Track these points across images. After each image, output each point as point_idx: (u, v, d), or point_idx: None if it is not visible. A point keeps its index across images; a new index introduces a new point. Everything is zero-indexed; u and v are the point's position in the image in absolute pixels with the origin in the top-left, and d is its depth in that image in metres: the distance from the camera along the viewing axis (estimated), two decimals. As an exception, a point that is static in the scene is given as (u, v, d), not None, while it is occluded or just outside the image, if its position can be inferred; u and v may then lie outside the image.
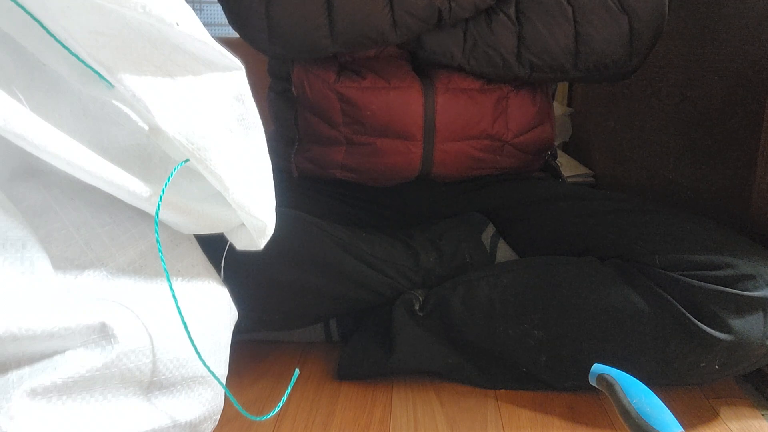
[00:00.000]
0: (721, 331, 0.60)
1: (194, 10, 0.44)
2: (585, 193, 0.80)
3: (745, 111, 0.78)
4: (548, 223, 0.78)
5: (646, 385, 0.50)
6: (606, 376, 0.51)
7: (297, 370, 0.66)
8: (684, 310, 0.61)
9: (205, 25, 0.44)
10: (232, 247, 0.53)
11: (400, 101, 0.77)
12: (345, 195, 0.85)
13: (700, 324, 0.60)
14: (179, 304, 0.45)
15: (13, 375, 0.39)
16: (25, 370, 0.40)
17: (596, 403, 0.67)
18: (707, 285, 0.61)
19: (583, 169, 1.29)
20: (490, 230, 0.80)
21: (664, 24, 0.78)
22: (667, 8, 0.77)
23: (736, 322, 0.60)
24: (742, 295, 0.60)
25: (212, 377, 0.49)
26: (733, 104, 0.80)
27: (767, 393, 0.69)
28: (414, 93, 0.77)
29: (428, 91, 0.78)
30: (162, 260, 0.45)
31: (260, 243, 0.50)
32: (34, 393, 0.39)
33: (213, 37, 0.44)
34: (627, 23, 0.75)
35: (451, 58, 0.77)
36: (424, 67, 0.81)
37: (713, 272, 0.61)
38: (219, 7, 0.76)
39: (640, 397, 0.49)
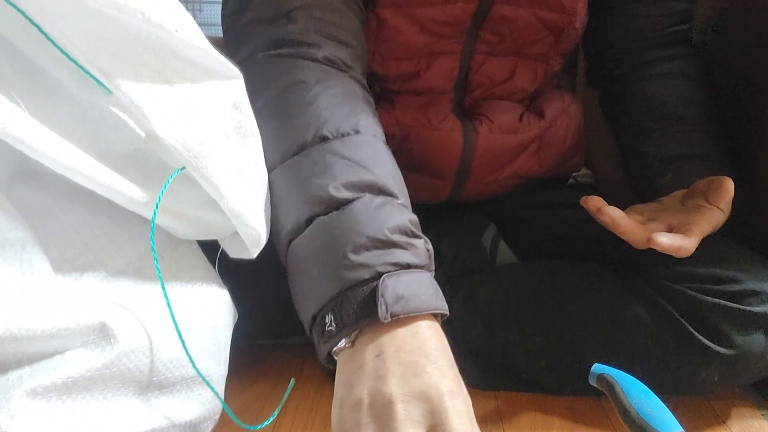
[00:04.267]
0: (723, 346, 0.59)
1: (194, 10, 0.44)
2: None
3: (745, 111, 0.77)
4: (551, 226, 0.77)
5: (646, 391, 0.50)
6: (606, 376, 0.51)
7: (293, 380, 0.66)
8: (685, 322, 0.60)
9: (205, 25, 0.44)
10: (238, 260, 0.52)
11: (439, 144, 0.75)
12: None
13: (701, 337, 0.60)
14: (175, 307, 0.45)
15: (13, 375, 0.39)
16: (25, 370, 0.40)
17: (596, 404, 0.67)
18: (712, 299, 0.60)
19: (583, 169, 1.29)
20: (491, 231, 0.80)
21: None
22: None
23: (738, 338, 0.59)
24: (747, 311, 0.59)
25: (211, 378, 0.49)
26: (733, 104, 0.80)
27: (767, 393, 0.69)
28: (454, 136, 0.75)
29: (468, 134, 0.75)
30: (156, 266, 0.45)
31: (253, 252, 0.50)
32: (34, 393, 0.39)
33: (213, 37, 0.44)
34: None
35: None
36: (467, 107, 0.78)
37: (719, 287, 0.61)
38: (219, 8, 0.75)
39: (640, 397, 0.49)
